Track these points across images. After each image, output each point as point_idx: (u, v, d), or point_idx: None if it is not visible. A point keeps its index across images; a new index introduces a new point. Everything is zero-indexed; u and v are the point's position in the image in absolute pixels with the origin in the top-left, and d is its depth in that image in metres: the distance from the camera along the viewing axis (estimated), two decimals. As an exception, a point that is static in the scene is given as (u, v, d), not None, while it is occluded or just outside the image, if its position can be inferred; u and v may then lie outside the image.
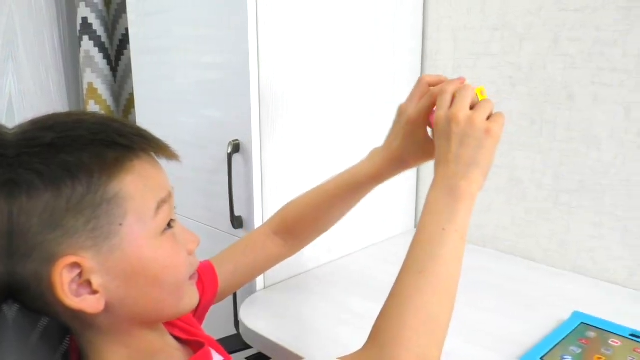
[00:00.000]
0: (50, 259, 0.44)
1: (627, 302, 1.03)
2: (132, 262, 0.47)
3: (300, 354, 0.82)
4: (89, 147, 0.45)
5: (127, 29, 1.28)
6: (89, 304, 0.46)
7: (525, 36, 1.14)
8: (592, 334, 0.87)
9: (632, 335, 0.86)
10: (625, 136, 1.05)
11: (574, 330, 0.88)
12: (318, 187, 0.75)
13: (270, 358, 0.90)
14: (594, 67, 1.07)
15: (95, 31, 1.39)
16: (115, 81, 1.47)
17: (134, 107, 1.33)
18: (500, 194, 1.24)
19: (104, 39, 1.41)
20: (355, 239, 1.21)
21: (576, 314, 0.93)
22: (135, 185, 0.47)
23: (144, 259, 0.48)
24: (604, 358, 0.80)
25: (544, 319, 0.95)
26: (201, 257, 0.68)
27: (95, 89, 1.42)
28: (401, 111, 0.66)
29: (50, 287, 0.45)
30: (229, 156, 0.98)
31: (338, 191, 0.73)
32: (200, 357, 0.54)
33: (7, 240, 0.43)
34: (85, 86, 1.42)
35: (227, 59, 1.01)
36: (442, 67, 1.27)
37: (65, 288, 0.45)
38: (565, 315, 0.94)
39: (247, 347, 0.93)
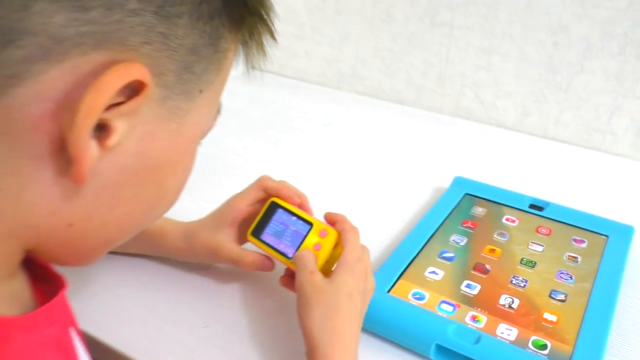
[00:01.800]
0: (116, 49, 0.26)
1: (519, 153, 0.79)
2: (177, 147, 0.31)
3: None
4: None
5: None
6: (89, 152, 0.26)
7: None
8: (479, 210, 0.61)
9: (532, 206, 0.61)
10: None
11: (455, 207, 0.61)
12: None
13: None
14: None
15: None
16: None
17: None
18: (361, 18, 0.90)
19: None
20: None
21: (458, 181, 0.66)
22: (231, 62, 0.33)
23: (182, 154, 0.32)
24: (498, 250, 0.55)
25: (415, 191, 0.68)
26: None
27: None
28: (231, 205, 0.52)
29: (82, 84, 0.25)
30: None
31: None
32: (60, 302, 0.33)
33: None
34: None
35: None
36: None
37: (102, 102, 0.25)
38: (445, 182, 0.67)
39: None
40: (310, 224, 0.47)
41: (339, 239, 0.46)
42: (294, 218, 0.48)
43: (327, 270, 0.45)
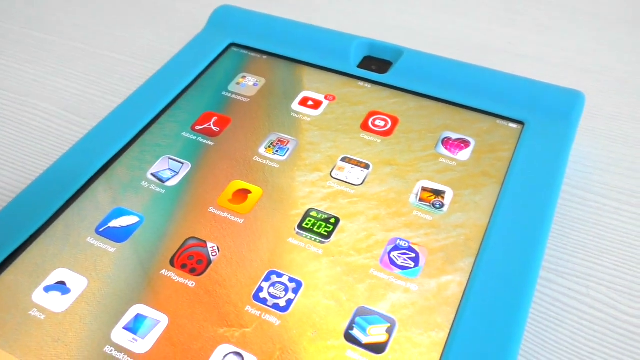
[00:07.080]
0: None
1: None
2: None
3: None
4: None
5: None
6: None
7: None
8: (250, 82, 0.27)
9: (367, 63, 0.28)
10: None
11: (197, 80, 0.27)
12: None
13: None
14: None
15: None
16: None
17: None
18: None
19: None
20: None
21: (220, 17, 0.31)
22: None
23: None
24: (256, 190, 0.22)
25: (123, 51, 0.33)
26: None
27: None
28: None
29: None
30: None
31: None
32: None
33: None
34: None
35: None
36: None
37: None
38: (199, 18, 0.32)
39: None
40: None
41: None
42: None
43: None
